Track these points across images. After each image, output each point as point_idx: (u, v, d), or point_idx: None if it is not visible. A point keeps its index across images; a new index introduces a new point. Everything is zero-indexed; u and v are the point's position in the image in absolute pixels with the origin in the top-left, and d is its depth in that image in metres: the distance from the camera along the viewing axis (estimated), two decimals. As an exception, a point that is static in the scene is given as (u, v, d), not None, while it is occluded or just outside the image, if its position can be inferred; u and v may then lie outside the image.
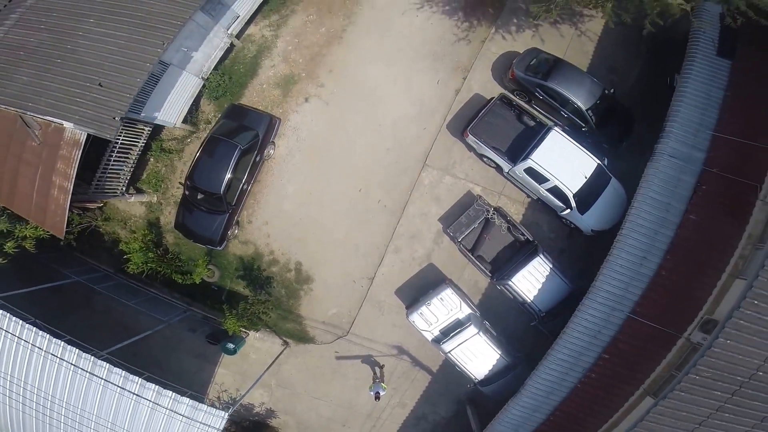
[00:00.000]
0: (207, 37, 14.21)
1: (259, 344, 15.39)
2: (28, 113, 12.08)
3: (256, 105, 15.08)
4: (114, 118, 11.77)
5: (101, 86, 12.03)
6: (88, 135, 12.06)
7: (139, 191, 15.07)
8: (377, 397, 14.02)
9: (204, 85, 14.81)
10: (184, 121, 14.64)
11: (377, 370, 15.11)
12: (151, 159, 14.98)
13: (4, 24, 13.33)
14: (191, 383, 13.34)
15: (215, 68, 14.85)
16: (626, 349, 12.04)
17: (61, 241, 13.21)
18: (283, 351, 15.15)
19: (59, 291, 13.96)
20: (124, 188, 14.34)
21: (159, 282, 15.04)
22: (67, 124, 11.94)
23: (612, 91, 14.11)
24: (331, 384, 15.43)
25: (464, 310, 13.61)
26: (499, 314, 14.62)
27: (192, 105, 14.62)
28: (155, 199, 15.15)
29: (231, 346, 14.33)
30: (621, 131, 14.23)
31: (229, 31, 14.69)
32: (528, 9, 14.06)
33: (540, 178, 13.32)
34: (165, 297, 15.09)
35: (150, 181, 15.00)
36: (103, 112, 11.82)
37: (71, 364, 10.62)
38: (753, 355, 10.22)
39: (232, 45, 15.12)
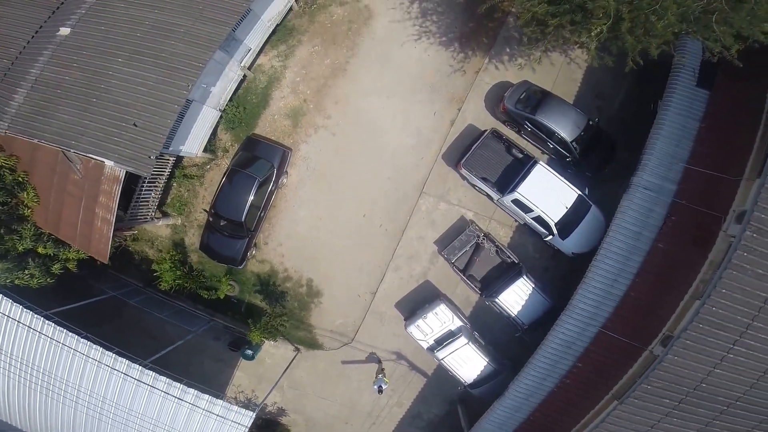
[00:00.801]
0: (223, 72, 15.95)
1: (273, 350, 17.81)
2: (72, 150, 13.88)
3: (268, 134, 17.00)
4: (149, 157, 13.38)
5: (136, 126, 13.62)
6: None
7: (165, 215, 17.16)
8: (380, 390, 16.17)
9: (221, 116, 16.72)
10: (204, 149, 16.60)
11: (379, 367, 17.32)
12: (175, 185, 17.04)
13: (38, 60, 14.67)
14: (211, 384, 15.40)
15: (230, 99, 16.65)
16: (597, 359, 14.05)
17: (97, 261, 15.21)
18: (295, 356, 17.52)
19: (93, 304, 16.04)
20: (153, 213, 16.47)
21: (184, 295, 17.29)
22: (107, 162, 13.70)
23: (597, 120, 15.74)
24: (336, 386, 17.85)
25: (456, 323, 15.89)
26: (487, 326, 16.87)
27: (210, 134, 16.51)
28: (179, 221, 17.30)
29: (250, 352, 16.82)
30: (603, 160, 15.91)
31: (242, 64, 16.47)
32: (521, 37, 15.39)
33: (525, 208, 15.33)
34: (190, 309, 17.41)
35: (174, 205, 17.11)
36: (139, 151, 13.40)
37: (122, 372, 13.23)
38: (698, 369, 12.28)
39: (244, 76, 16.90)
